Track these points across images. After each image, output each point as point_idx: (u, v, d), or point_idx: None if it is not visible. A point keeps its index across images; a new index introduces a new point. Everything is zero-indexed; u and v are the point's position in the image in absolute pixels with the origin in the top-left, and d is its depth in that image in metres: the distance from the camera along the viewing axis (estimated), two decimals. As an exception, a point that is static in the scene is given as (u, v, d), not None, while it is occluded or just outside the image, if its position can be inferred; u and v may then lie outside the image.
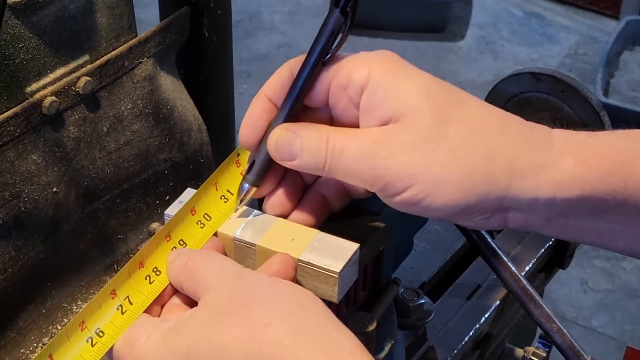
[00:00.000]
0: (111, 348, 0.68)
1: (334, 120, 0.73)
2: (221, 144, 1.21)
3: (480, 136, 0.67)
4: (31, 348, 0.95)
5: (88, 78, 0.95)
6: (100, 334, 0.68)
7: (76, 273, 1.00)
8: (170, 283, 0.71)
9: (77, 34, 0.95)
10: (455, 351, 0.99)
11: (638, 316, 2.45)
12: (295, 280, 0.70)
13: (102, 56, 0.98)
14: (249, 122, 0.72)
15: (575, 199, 0.67)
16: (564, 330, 0.89)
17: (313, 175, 0.74)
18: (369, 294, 0.82)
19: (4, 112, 0.89)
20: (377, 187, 0.68)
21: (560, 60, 3.32)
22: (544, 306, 0.89)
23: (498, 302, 1.05)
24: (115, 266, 1.04)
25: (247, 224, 0.74)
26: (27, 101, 0.90)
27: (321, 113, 0.73)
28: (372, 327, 0.78)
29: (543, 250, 1.13)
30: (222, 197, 0.76)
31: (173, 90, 1.07)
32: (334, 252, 0.71)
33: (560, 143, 0.68)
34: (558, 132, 0.69)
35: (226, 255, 0.74)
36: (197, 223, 0.74)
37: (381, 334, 0.82)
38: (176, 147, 1.07)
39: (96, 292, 1.02)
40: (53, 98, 0.92)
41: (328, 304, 0.70)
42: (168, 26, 1.05)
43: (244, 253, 0.73)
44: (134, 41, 1.01)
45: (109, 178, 1.00)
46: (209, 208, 0.75)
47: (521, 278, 0.89)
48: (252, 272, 0.68)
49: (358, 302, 0.81)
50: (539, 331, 1.00)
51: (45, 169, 0.93)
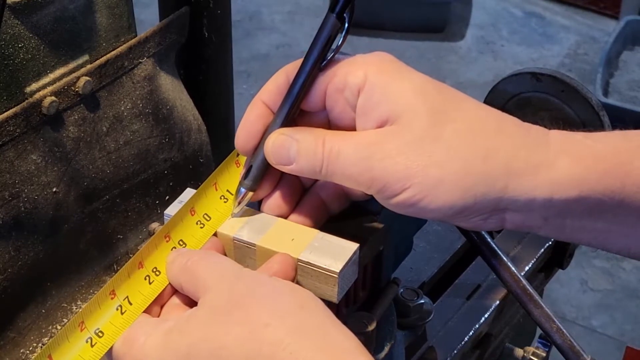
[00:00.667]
0: (111, 348, 0.68)
1: (331, 123, 0.73)
2: (221, 144, 1.21)
3: (476, 137, 0.67)
4: (31, 348, 0.95)
5: (88, 78, 0.95)
6: (99, 334, 0.68)
7: (76, 273, 1.00)
8: (169, 283, 0.71)
9: (77, 34, 0.95)
10: (454, 351, 0.99)
11: (638, 316, 2.45)
12: (295, 280, 0.70)
13: (102, 56, 0.98)
14: (245, 128, 0.72)
15: (572, 199, 0.67)
16: (564, 330, 0.89)
17: (311, 178, 0.74)
18: (369, 294, 0.82)
19: (4, 112, 0.89)
20: (374, 190, 0.68)
21: (560, 60, 3.32)
22: (544, 306, 0.89)
23: (498, 302, 1.05)
24: (115, 266, 1.04)
25: (247, 224, 0.74)
26: (27, 101, 0.90)
27: (318, 117, 0.73)
28: (372, 327, 0.78)
29: (543, 250, 1.13)
30: (222, 197, 0.76)
31: (173, 90, 1.07)
32: (334, 252, 0.71)
33: (556, 143, 0.68)
34: (554, 133, 0.69)
35: (226, 255, 0.74)
36: (197, 223, 0.74)
37: (381, 334, 0.82)
38: (176, 147, 1.07)
39: (96, 292, 1.02)
40: (53, 98, 0.92)
41: (328, 304, 0.70)
42: (168, 26, 1.05)
43: (244, 253, 0.73)
44: (134, 41, 1.01)
45: (109, 178, 1.00)
46: (209, 208, 0.75)
47: (521, 278, 0.89)
48: (252, 272, 0.68)
49: (358, 302, 0.81)
50: (539, 331, 1.00)
51: (45, 169, 0.93)
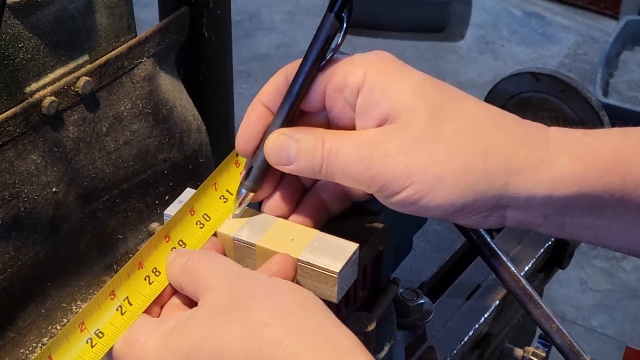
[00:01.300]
0: (111, 349, 0.68)
1: (331, 123, 0.73)
2: (221, 144, 1.21)
3: (476, 134, 0.67)
4: (30, 348, 0.95)
5: (87, 78, 0.95)
6: (99, 335, 0.68)
7: (76, 273, 1.00)
8: (169, 283, 0.71)
9: (77, 34, 0.95)
10: (454, 351, 0.99)
11: (638, 316, 2.45)
12: (295, 280, 0.70)
13: (102, 56, 0.98)
14: (245, 130, 0.72)
15: (572, 197, 0.67)
16: (564, 330, 0.89)
17: (312, 179, 0.74)
18: (369, 294, 0.82)
19: (4, 112, 0.89)
20: (375, 189, 0.68)
21: (560, 60, 3.32)
22: (544, 306, 0.89)
23: (497, 302, 1.05)
24: (114, 266, 1.04)
25: (247, 224, 0.74)
26: (27, 101, 0.90)
27: (318, 117, 0.73)
28: (372, 327, 0.78)
29: (542, 250, 1.13)
30: (222, 197, 0.76)
31: (172, 90, 1.07)
32: (334, 252, 0.71)
33: (556, 141, 0.68)
34: (554, 130, 0.69)
35: (226, 255, 0.74)
36: (197, 223, 0.74)
37: (381, 334, 0.82)
38: (176, 147, 1.07)
39: (96, 292, 1.03)
40: (52, 98, 0.92)
41: (328, 304, 0.70)
42: (167, 26, 1.05)
43: (244, 253, 0.73)
44: (134, 41, 1.01)
45: (109, 178, 1.00)
46: (209, 208, 0.75)
47: (521, 278, 0.89)
48: (252, 272, 0.68)
49: (358, 302, 0.81)
50: (539, 331, 1.00)
51: (44, 169, 0.93)
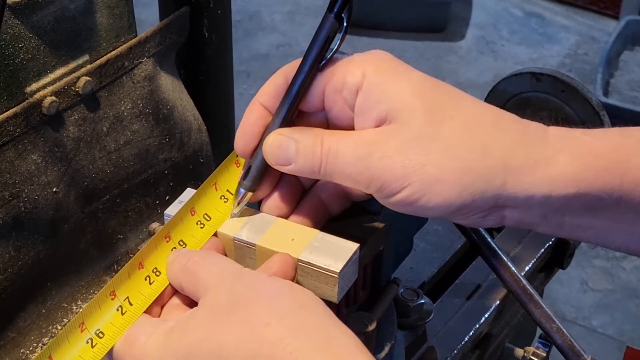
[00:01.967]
0: (111, 349, 0.68)
1: (330, 123, 0.73)
2: (221, 144, 1.21)
3: (474, 134, 0.67)
4: (31, 348, 0.95)
5: (88, 78, 0.95)
6: (100, 335, 0.68)
7: (76, 273, 1.00)
8: (170, 284, 0.71)
9: (77, 34, 0.95)
10: (455, 351, 0.99)
11: (638, 316, 2.45)
12: (295, 280, 0.70)
13: (102, 56, 0.98)
14: (244, 130, 0.72)
15: (571, 197, 0.67)
16: (564, 330, 0.89)
17: (311, 179, 0.74)
18: (369, 294, 0.82)
19: (4, 112, 0.89)
20: (373, 189, 0.68)
21: (560, 60, 3.32)
22: (544, 306, 0.89)
23: (498, 302, 1.05)
24: (115, 266, 1.04)
25: (247, 224, 0.74)
26: (27, 101, 0.90)
27: (317, 117, 0.73)
28: (372, 327, 0.78)
29: (543, 250, 1.13)
30: (222, 197, 0.76)
31: (173, 90, 1.07)
32: (334, 252, 0.71)
33: (555, 140, 0.68)
34: (553, 130, 0.69)
35: (226, 255, 0.74)
36: (197, 223, 0.74)
37: (381, 334, 0.82)
38: (176, 147, 1.07)
39: (96, 292, 1.03)
40: (53, 98, 0.92)
41: (328, 304, 0.70)
42: (168, 26, 1.05)
43: (244, 253, 0.73)
44: (134, 41, 1.01)
45: (109, 178, 1.00)
46: (209, 208, 0.75)
47: (521, 278, 0.90)
48: (252, 272, 0.68)
49: (358, 302, 0.81)
50: (539, 331, 1.00)
51: (45, 169, 0.93)
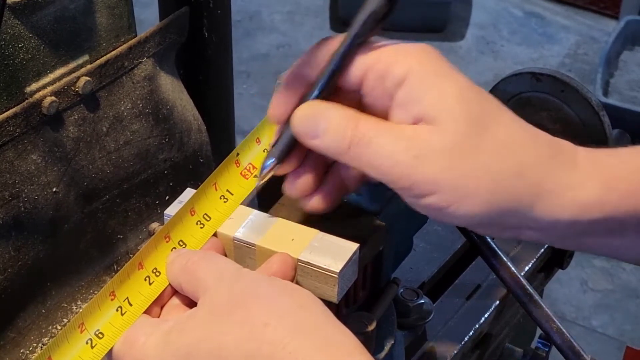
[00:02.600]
0: (111, 349, 0.68)
1: (363, 105, 0.70)
2: (221, 144, 1.21)
3: (511, 152, 0.66)
4: (31, 348, 0.95)
5: (88, 78, 0.95)
6: (99, 336, 0.68)
7: (76, 273, 1.00)
8: (169, 284, 0.71)
9: (77, 34, 0.95)
10: (455, 351, 0.99)
11: (638, 316, 2.45)
12: (295, 280, 0.70)
13: (102, 56, 0.98)
14: (279, 97, 0.70)
15: (595, 221, 0.67)
16: (564, 330, 0.89)
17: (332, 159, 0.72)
18: (369, 294, 0.82)
19: (4, 112, 0.89)
20: (400, 185, 0.67)
21: (560, 60, 3.32)
22: (544, 306, 0.89)
23: (498, 302, 1.05)
24: (115, 266, 1.04)
25: (247, 224, 0.74)
26: (27, 101, 0.90)
27: (350, 96, 0.70)
28: (372, 327, 0.78)
29: (543, 250, 1.13)
30: (222, 197, 0.75)
31: (173, 90, 1.07)
32: (334, 252, 0.71)
33: (584, 164, 0.67)
34: (582, 152, 0.68)
35: (226, 255, 0.73)
36: (197, 223, 0.74)
37: (381, 334, 0.82)
38: (176, 147, 1.07)
39: (96, 292, 1.03)
40: (53, 98, 0.92)
41: (328, 304, 0.70)
42: (168, 26, 1.05)
43: (244, 253, 0.73)
44: (134, 41, 1.01)
45: (109, 178, 1.00)
46: (209, 208, 0.75)
47: (521, 278, 0.89)
48: (252, 272, 0.68)
49: (358, 302, 0.81)
50: (539, 331, 1.00)
51: (45, 169, 0.93)
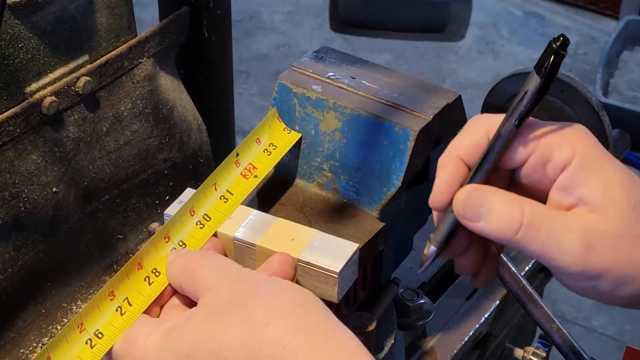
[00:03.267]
0: (110, 349, 0.68)
1: (517, 183, 0.71)
2: (221, 144, 1.21)
3: None
4: (30, 348, 0.95)
5: (88, 78, 0.95)
6: (99, 335, 0.68)
7: (76, 273, 1.00)
8: (169, 284, 0.71)
9: (77, 34, 0.95)
10: (455, 351, 0.99)
11: (638, 316, 2.45)
12: (295, 279, 0.70)
13: (102, 56, 0.98)
14: (441, 186, 0.70)
15: None
16: (564, 330, 0.89)
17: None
18: (369, 294, 0.82)
19: (4, 112, 0.89)
20: (569, 271, 0.68)
21: (560, 60, 3.31)
22: (544, 306, 0.89)
23: (498, 302, 1.05)
24: (115, 266, 1.04)
25: (247, 224, 0.74)
26: (27, 101, 0.90)
27: (502, 173, 0.71)
28: (372, 327, 0.78)
29: (543, 250, 1.13)
30: (222, 197, 0.76)
31: (173, 90, 1.07)
32: (334, 252, 0.71)
33: None
34: None
35: (226, 255, 0.73)
36: (197, 223, 0.74)
37: (381, 334, 0.83)
38: (176, 147, 1.07)
39: (96, 292, 1.03)
40: (53, 98, 0.92)
41: (328, 304, 0.70)
42: (168, 26, 1.05)
43: (244, 253, 0.73)
44: (134, 41, 1.01)
45: (109, 178, 1.00)
46: (209, 208, 0.75)
47: (521, 278, 0.89)
48: (251, 272, 0.68)
49: (358, 302, 0.81)
50: (539, 331, 1.00)
51: (45, 169, 0.93)
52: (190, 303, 0.69)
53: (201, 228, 0.74)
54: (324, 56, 0.89)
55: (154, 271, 0.71)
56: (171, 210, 0.76)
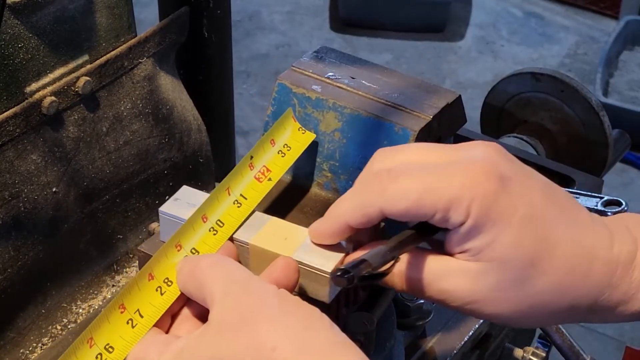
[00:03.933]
0: None
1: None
2: (221, 144, 1.21)
3: (565, 291, 0.68)
4: (30, 348, 0.95)
5: (87, 78, 0.95)
6: (109, 350, 0.66)
7: (76, 273, 1.00)
8: (180, 291, 0.70)
9: (77, 34, 0.95)
10: (454, 351, 0.99)
11: (638, 316, 2.45)
12: (298, 281, 0.70)
13: (102, 56, 0.98)
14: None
15: None
16: (564, 330, 0.89)
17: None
18: (369, 294, 0.82)
19: (4, 112, 0.89)
20: (463, 311, 0.73)
21: (560, 60, 3.32)
22: (544, 306, 0.89)
23: (498, 302, 1.05)
24: (114, 266, 1.04)
25: (245, 224, 0.73)
26: (27, 101, 0.90)
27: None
28: (372, 327, 0.78)
29: (543, 250, 1.13)
30: (235, 202, 0.74)
31: (172, 90, 1.07)
32: (326, 252, 0.70)
33: None
34: None
35: (240, 260, 0.72)
36: (210, 230, 0.72)
37: (381, 334, 0.82)
38: (176, 147, 1.07)
39: (96, 292, 1.03)
40: (52, 98, 0.92)
41: (328, 304, 0.70)
42: (167, 26, 1.05)
43: (241, 252, 0.73)
44: (134, 41, 1.01)
45: (109, 178, 1.00)
46: (222, 214, 0.73)
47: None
48: (258, 283, 0.66)
49: (358, 302, 0.80)
50: (539, 331, 1.00)
51: (44, 169, 0.93)
52: (200, 314, 0.69)
53: (214, 234, 0.72)
54: (324, 56, 0.89)
55: (166, 280, 0.69)
56: (166, 207, 0.75)
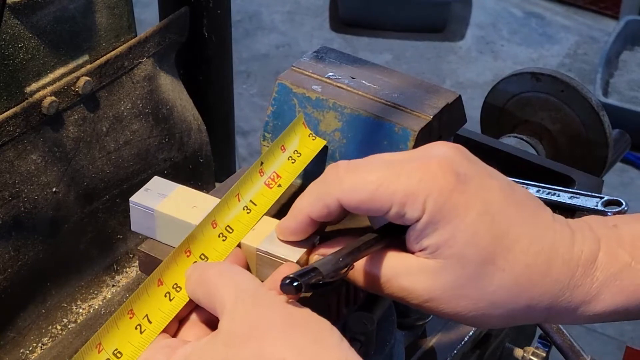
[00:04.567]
0: None
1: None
2: (221, 144, 1.21)
3: (523, 289, 0.68)
4: (30, 348, 0.95)
5: (88, 78, 0.95)
6: (117, 355, 0.66)
7: (76, 273, 1.00)
8: (189, 298, 0.69)
9: (77, 34, 0.95)
10: (455, 351, 0.99)
11: (638, 316, 2.45)
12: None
13: (102, 56, 0.98)
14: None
15: (607, 319, 0.70)
16: (564, 330, 0.89)
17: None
18: (369, 294, 0.82)
19: (4, 112, 0.89)
20: (421, 310, 0.72)
21: (560, 60, 3.32)
22: (544, 306, 0.89)
23: (498, 302, 1.05)
24: (115, 266, 1.04)
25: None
26: (27, 101, 0.90)
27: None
28: (372, 327, 0.78)
29: (543, 250, 1.13)
30: (245, 208, 0.74)
31: (172, 90, 1.07)
32: (294, 243, 0.70)
33: (602, 274, 0.69)
34: (603, 259, 0.69)
35: (248, 267, 0.72)
36: (219, 236, 0.72)
37: (381, 334, 0.82)
38: (176, 147, 1.07)
39: (96, 292, 1.03)
40: (53, 98, 0.92)
41: (327, 304, 0.70)
42: (168, 26, 1.05)
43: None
44: (134, 41, 1.01)
45: (109, 178, 1.00)
46: (231, 220, 0.73)
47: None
48: (268, 295, 0.66)
49: (358, 302, 0.80)
50: (539, 331, 1.00)
51: (44, 169, 0.93)
52: (208, 320, 0.68)
53: (223, 241, 0.72)
54: (324, 56, 0.89)
55: (175, 286, 0.69)
56: (136, 197, 0.74)
